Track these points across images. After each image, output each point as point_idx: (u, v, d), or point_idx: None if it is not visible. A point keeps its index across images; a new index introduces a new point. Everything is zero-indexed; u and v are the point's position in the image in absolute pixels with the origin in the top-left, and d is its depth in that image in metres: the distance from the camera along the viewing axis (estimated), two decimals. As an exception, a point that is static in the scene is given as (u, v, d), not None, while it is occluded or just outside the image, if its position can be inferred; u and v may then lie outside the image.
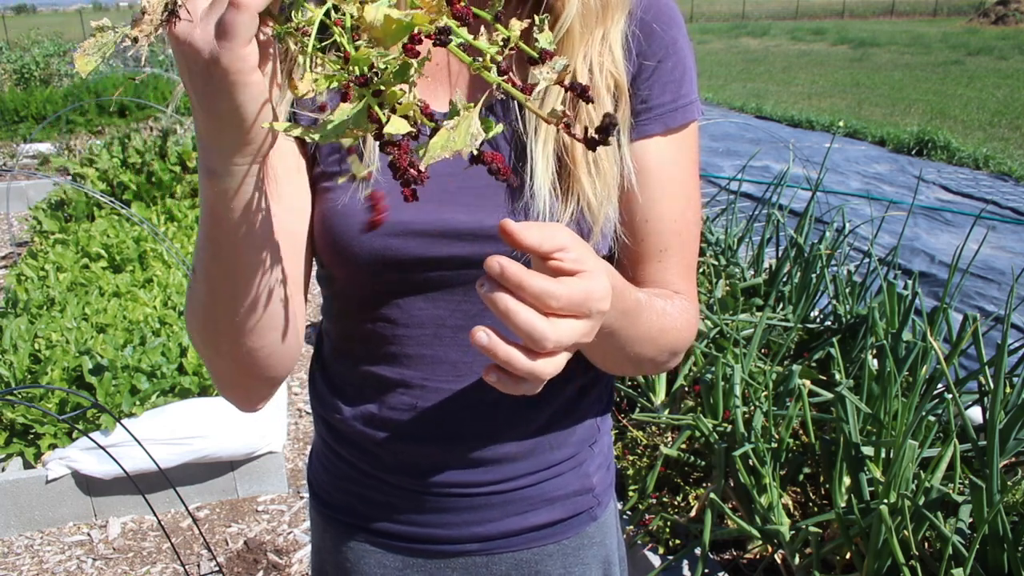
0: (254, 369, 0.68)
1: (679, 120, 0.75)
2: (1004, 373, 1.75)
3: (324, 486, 0.88)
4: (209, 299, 0.63)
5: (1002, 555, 1.54)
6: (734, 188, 5.97)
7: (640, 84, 0.74)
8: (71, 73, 9.82)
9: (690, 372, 2.47)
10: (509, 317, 0.50)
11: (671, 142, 0.75)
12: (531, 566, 0.84)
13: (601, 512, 0.87)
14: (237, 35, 0.46)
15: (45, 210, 4.48)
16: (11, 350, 2.69)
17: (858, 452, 1.79)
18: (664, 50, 0.74)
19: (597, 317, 0.54)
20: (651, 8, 0.75)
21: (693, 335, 0.78)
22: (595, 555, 0.87)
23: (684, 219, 0.77)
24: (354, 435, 0.82)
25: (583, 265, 0.53)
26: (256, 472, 2.56)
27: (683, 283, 0.78)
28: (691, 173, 0.77)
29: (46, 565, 2.28)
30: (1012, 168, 6.75)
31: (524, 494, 0.81)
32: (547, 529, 0.83)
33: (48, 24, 25.81)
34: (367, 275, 0.74)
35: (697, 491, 2.10)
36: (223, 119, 0.50)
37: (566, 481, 0.83)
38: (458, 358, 0.77)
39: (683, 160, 0.76)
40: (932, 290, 4.13)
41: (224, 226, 0.57)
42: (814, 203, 3.02)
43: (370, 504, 0.84)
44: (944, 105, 10.44)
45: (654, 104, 0.74)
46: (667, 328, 0.72)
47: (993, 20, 23.97)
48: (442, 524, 0.82)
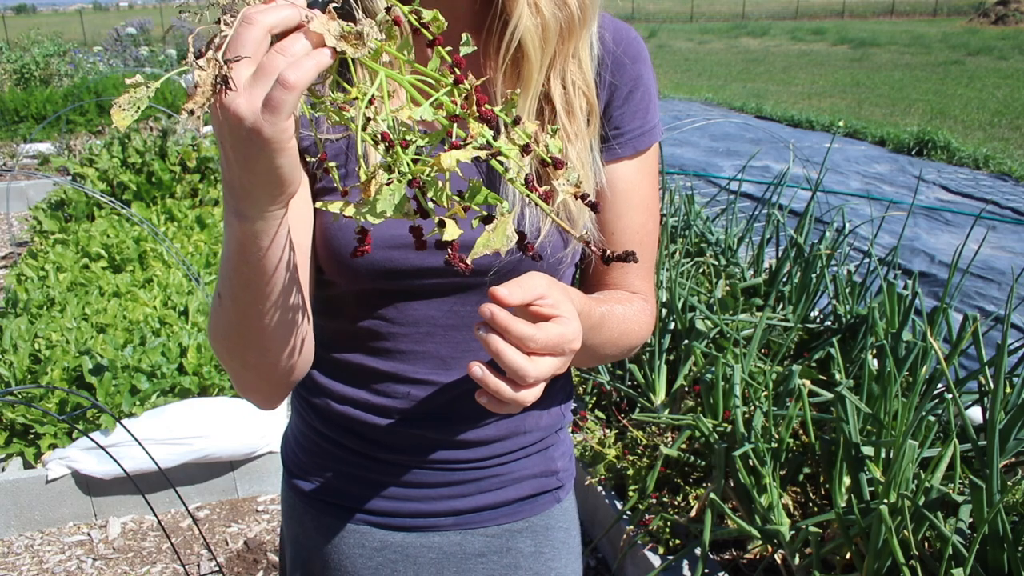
0: (276, 376, 0.74)
1: (646, 143, 0.85)
2: (1004, 373, 1.75)
3: (304, 467, 0.92)
4: (237, 320, 0.68)
5: (1002, 555, 1.54)
6: (734, 188, 5.97)
7: (612, 111, 0.83)
8: (71, 73, 9.82)
9: (690, 372, 2.47)
10: (499, 357, 0.61)
11: (637, 163, 0.85)
12: (503, 541, 0.90)
13: (564, 496, 0.95)
14: (283, 111, 0.51)
15: (45, 210, 4.48)
16: (11, 350, 2.69)
17: (858, 452, 1.79)
18: (633, 82, 0.83)
19: (570, 354, 0.65)
20: (621, 43, 0.83)
21: (650, 331, 0.88)
22: (562, 540, 0.94)
23: (645, 229, 0.86)
24: (343, 418, 0.87)
25: (558, 310, 0.64)
26: (256, 472, 2.56)
27: (643, 284, 0.88)
28: (652, 188, 0.87)
29: (46, 565, 2.28)
30: (1012, 168, 6.75)
31: (496, 471, 0.89)
32: (516, 504, 0.91)
33: (48, 24, 25.81)
34: (366, 282, 0.79)
35: (697, 491, 2.10)
36: (260, 177, 0.55)
37: (534, 462, 0.91)
38: (448, 353, 0.83)
39: (645, 178, 0.86)
40: (932, 290, 4.13)
41: (253, 261, 0.62)
42: (814, 203, 3.02)
43: (353, 481, 0.89)
44: (944, 105, 10.44)
45: (625, 130, 0.83)
46: (627, 331, 0.84)
47: (993, 20, 23.97)
48: (422, 498, 0.88)
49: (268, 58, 0.51)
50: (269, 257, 0.62)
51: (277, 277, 0.65)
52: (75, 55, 10.93)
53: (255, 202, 0.58)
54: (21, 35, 11.58)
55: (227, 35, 0.51)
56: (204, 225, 4.20)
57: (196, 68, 0.50)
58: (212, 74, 0.51)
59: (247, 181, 0.56)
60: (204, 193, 4.71)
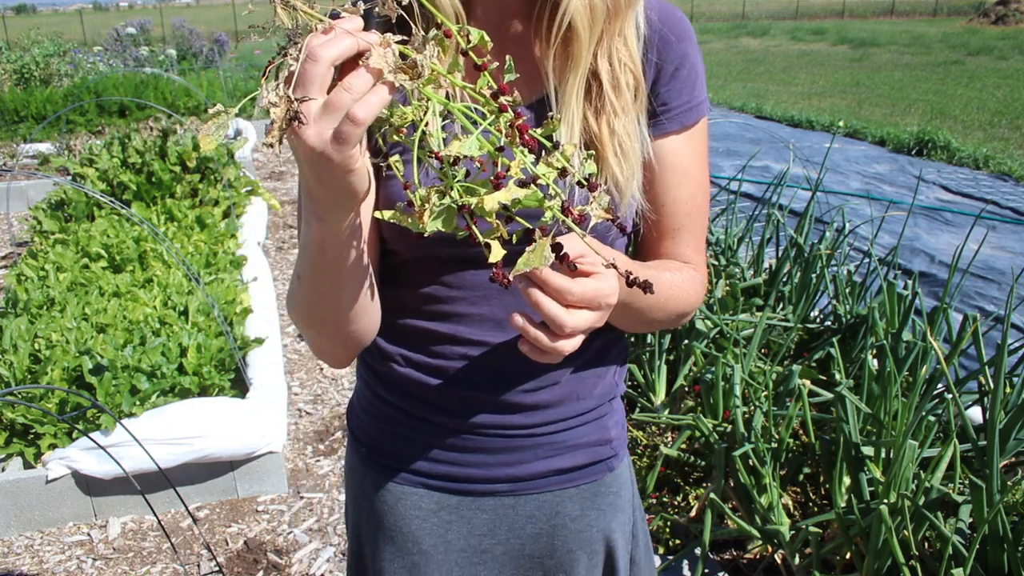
0: (347, 343, 0.84)
1: (692, 118, 0.88)
2: (1004, 373, 1.75)
3: (367, 431, 0.98)
4: (315, 299, 0.78)
5: (1002, 555, 1.54)
6: (734, 188, 5.96)
7: (660, 88, 0.86)
8: (71, 73, 9.81)
9: (690, 372, 2.47)
10: (538, 307, 0.66)
11: (685, 138, 0.88)
12: (552, 507, 0.95)
13: (617, 464, 0.98)
14: (350, 143, 0.59)
15: (45, 210, 4.48)
16: (11, 350, 2.69)
17: (858, 452, 1.79)
18: (679, 60, 0.86)
19: (606, 309, 0.70)
20: (667, 22, 0.86)
21: (700, 299, 0.92)
22: (610, 503, 0.97)
23: (695, 202, 0.90)
24: (405, 381, 0.92)
25: (596, 267, 0.69)
26: (256, 472, 2.56)
27: (694, 254, 0.92)
28: (701, 162, 0.90)
29: (46, 565, 2.28)
30: (1012, 168, 6.74)
31: (552, 438, 0.92)
32: (569, 474, 0.94)
33: (48, 24, 25.80)
34: (426, 249, 0.85)
35: (697, 491, 2.10)
36: (332, 191, 0.64)
37: (589, 431, 0.94)
38: (502, 316, 0.88)
39: (694, 152, 0.89)
40: (932, 290, 4.13)
41: (330, 255, 0.72)
42: (814, 203, 3.02)
43: (414, 445, 0.94)
44: (944, 105, 10.44)
45: (672, 106, 0.87)
46: (674, 296, 0.88)
47: (993, 20, 23.96)
48: (479, 464, 0.92)
49: (336, 95, 0.58)
50: (342, 252, 0.72)
51: (350, 267, 0.74)
52: (75, 55, 10.92)
53: (329, 210, 0.67)
54: (21, 35, 11.57)
55: (294, 70, 0.58)
56: (204, 225, 4.20)
57: (271, 105, 0.57)
58: (284, 109, 0.58)
59: (321, 194, 0.65)
60: (204, 193, 4.71)
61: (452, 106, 0.61)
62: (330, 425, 3.00)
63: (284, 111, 0.58)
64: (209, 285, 3.32)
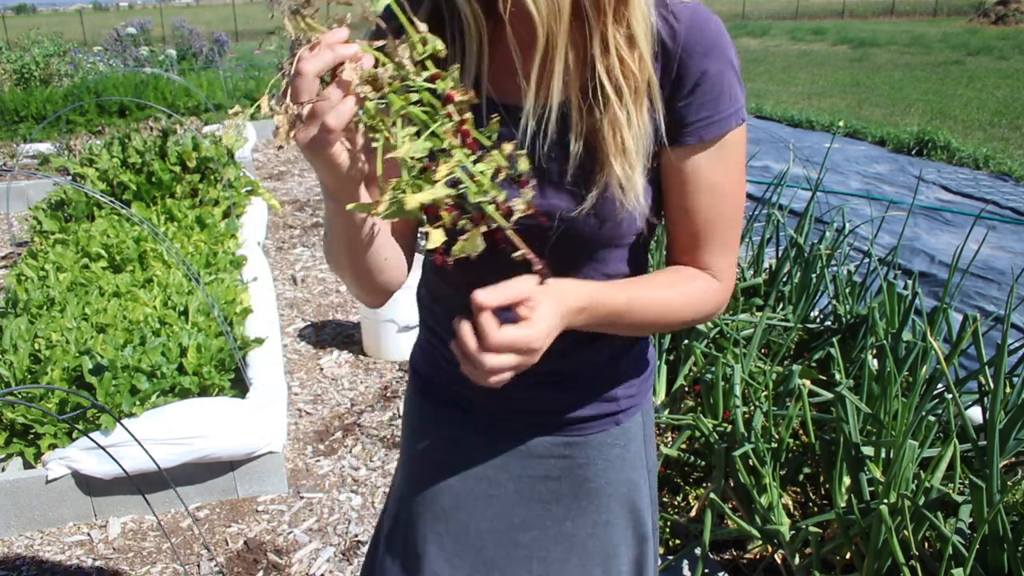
0: (375, 291, 0.97)
1: (713, 133, 0.88)
2: (1004, 373, 1.75)
3: (424, 368, 1.12)
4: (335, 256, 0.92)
5: (1002, 555, 1.54)
6: (734, 188, 5.95)
7: (677, 103, 0.87)
8: (71, 73, 9.81)
9: (690, 372, 2.47)
10: (458, 341, 0.77)
11: (706, 150, 0.89)
12: (561, 449, 1.04)
13: (625, 419, 1.05)
14: (327, 145, 0.71)
15: (45, 210, 4.48)
16: (11, 350, 2.69)
17: (858, 452, 1.79)
18: (698, 76, 0.86)
19: (531, 354, 0.77)
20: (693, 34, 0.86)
21: (717, 304, 0.95)
22: (617, 455, 1.05)
23: (715, 211, 0.91)
24: (441, 328, 1.04)
25: (531, 314, 0.77)
26: (256, 472, 2.56)
27: (716, 261, 0.94)
28: (727, 174, 0.90)
29: (46, 565, 2.29)
30: (1012, 168, 6.74)
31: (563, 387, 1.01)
32: (578, 425, 1.04)
33: (48, 24, 25.78)
34: None
35: (697, 491, 2.10)
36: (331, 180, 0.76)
37: (596, 390, 1.03)
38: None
39: (718, 164, 0.89)
40: (932, 290, 4.13)
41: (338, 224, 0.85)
42: (814, 203, 3.02)
43: (453, 380, 1.04)
44: (944, 105, 10.44)
45: (690, 122, 0.87)
46: (670, 311, 0.92)
47: (993, 20, 23.96)
48: (499, 398, 0.98)
49: (316, 104, 0.69)
50: (349, 223, 0.84)
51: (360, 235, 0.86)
52: (75, 55, 10.91)
53: (332, 192, 0.79)
54: (21, 35, 11.57)
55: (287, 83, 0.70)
56: (204, 225, 4.20)
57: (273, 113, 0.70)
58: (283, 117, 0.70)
59: (323, 180, 0.78)
60: (204, 193, 4.71)
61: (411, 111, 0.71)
62: (330, 425, 3.00)
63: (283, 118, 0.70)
64: (209, 285, 3.33)
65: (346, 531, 2.41)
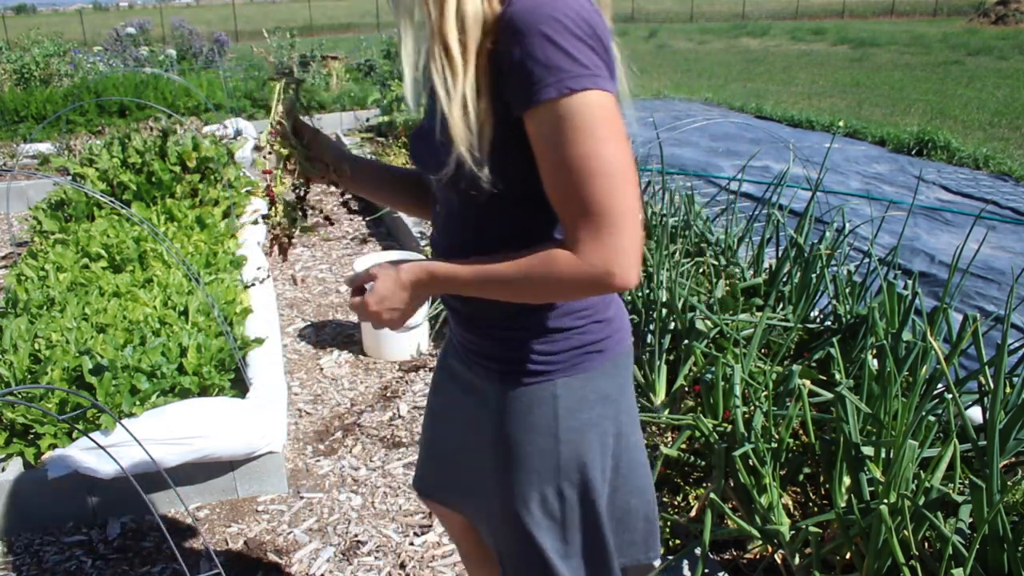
0: (418, 214, 1.40)
1: (534, 101, 0.94)
2: (1004, 373, 1.75)
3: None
4: (380, 202, 1.42)
5: (1002, 555, 1.54)
6: (734, 188, 5.96)
7: (504, 77, 0.97)
8: (71, 73, 9.81)
9: (690, 372, 2.47)
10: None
11: (537, 120, 0.95)
12: (481, 389, 1.23)
13: (529, 380, 1.15)
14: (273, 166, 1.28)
15: (45, 210, 4.48)
16: (11, 350, 2.69)
17: (858, 452, 1.79)
18: (511, 54, 0.95)
19: (367, 310, 1.11)
20: (518, 15, 0.94)
21: (569, 282, 0.97)
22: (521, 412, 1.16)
23: (554, 182, 0.97)
24: None
25: (369, 287, 1.13)
26: (256, 472, 2.56)
27: (570, 233, 0.97)
28: (570, 143, 0.93)
29: (45, 565, 2.28)
30: (1012, 168, 6.74)
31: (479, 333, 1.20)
32: (493, 370, 1.19)
33: (48, 24, 25.76)
34: None
35: (697, 491, 2.10)
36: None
37: (502, 345, 1.17)
38: (436, 237, 1.22)
39: (557, 134, 0.94)
40: (932, 290, 4.13)
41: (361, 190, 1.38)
42: (814, 203, 3.02)
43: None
44: (944, 105, 10.44)
45: (514, 93, 0.96)
46: (515, 287, 1.02)
47: (993, 20, 23.95)
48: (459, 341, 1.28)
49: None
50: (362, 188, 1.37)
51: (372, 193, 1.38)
52: (75, 55, 10.89)
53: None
54: (21, 35, 11.56)
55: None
56: (204, 225, 4.20)
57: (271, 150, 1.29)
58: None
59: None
60: (204, 193, 4.71)
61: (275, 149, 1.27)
62: (330, 425, 3.00)
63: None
64: (209, 285, 3.32)
65: (346, 531, 2.41)
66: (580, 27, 0.93)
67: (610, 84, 0.96)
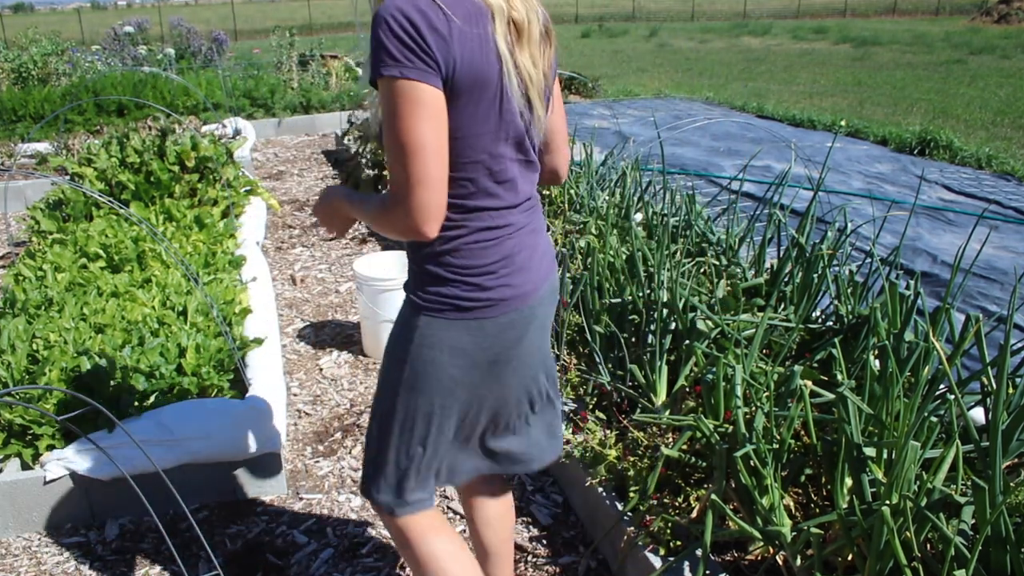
0: None
1: (366, 81, 1.26)
2: (1007, 373, 1.74)
3: None
4: None
5: (1005, 556, 1.53)
6: (735, 188, 5.95)
7: None
8: (69, 72, 9.80)
9: (691, 373, 2.46)
10: None
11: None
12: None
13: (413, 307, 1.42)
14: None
15: (43, 210, 4.47)
16: (9, 350, 2.68)
17: (860, 453, 1.78)
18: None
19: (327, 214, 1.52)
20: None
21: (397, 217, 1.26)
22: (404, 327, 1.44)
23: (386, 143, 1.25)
24: None
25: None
26: (255, 473, 2.55)
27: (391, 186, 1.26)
28: (384, 116, 1.23)
29: (44, 566, 2.28)
30: (1015, 168, 6.73)
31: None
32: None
33: (46, 23, 25.75)
34: None
35: (698, 492, 2.09)
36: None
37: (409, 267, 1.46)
38: None
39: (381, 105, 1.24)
40: (934, 290, 4.12)
41: None
42: (816, 203, 3.01)
43: None
44: (946, 104, 10.42)
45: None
46: (373, 218, 1.34)
47: (996, 19, 23.92)
48: None
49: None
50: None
51: None
52: (73, 54, 10.88)
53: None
54: (19, 34, 11.56)
55: None
56: (203, 225, 4.19)
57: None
58: None
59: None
60: (203, 193, 4.70)
61: None
62: (329, 426, 2.99)
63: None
64: (208, 285, 3.32)
65: (345, 532, 2.40)
66: (400, 25, 1.18)
67: (417, 73, 1.18)
